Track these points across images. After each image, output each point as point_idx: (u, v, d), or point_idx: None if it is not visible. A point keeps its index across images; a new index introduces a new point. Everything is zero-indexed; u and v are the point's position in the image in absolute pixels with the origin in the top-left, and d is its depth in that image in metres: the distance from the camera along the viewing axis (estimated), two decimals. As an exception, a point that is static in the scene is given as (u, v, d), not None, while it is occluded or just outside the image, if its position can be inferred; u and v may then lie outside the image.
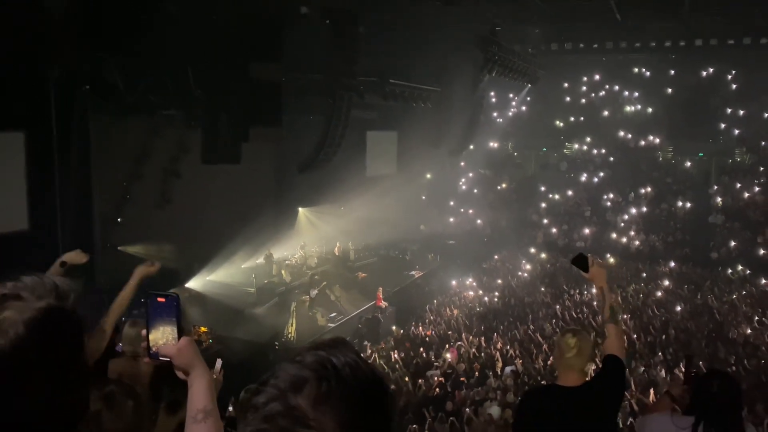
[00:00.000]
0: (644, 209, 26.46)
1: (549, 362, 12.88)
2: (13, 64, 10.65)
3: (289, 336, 16.00)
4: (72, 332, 1.63)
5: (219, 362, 3.61)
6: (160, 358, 1.76)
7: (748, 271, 21.40)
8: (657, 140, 29.10)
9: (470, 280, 21.66)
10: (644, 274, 21.65)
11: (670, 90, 28.98)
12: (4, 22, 10.09)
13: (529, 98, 30.41)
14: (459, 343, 14.62)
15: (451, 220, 28.18)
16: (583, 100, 30.90)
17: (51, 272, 3.37)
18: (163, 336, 1.76)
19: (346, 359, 1.02)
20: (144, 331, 1.79)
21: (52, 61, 11.39)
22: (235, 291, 18.65)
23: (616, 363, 3.48)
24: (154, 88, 13.38)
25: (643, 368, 12.38)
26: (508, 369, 12.50)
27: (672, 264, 22.60)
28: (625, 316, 16.33)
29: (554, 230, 26.74)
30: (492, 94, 28.81)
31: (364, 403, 1.00)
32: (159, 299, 1.77)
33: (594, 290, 19.18)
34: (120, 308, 3.39)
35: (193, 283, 18.34)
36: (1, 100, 10.75)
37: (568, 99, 31.02)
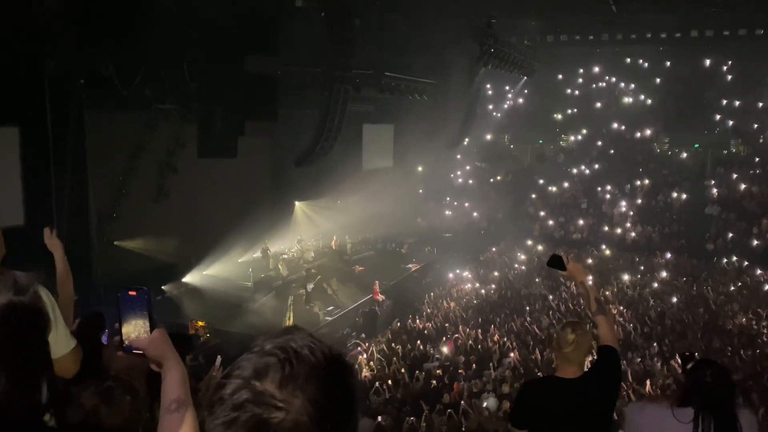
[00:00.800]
0: (640, 201, 26.50)
1: (546, 354, 12.94)
2: (8, 59, 10.60)
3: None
4: (32, 326, 1.65)
5: (219, 359, 3.61)
6: (134, 351, 1.77)
7: (744, 262, 21.48)
8: (653, 132, 29.16)
9: (467, 272, 21.69)
10: (641, 266, 21.71)
11: (665, 81, 29.03)
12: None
13: (525, 90, 30.41)
14: (456, 335, 14.66)
15: (448, 213, 28.19)
16: (579, 92, 30.92)
17: None
18: (135, 329, 1.78)
19: (303, 342, 1.07)
20: (117, 325, 1.81)
21: (46, 55, 11.35)
22: (233, 285, 18.65)
23: (611, 354, 3.51)
24: (149, 82, 13.33)
25: (639, 359, 12.44)
26: (505, 361, 12.55)
27: (668, 255, 22.67)
28: (621, 308, 16.41)
29: (551, 222, 26.77)
30: (488, 86, 28.80)
31: (327, 378, 1.04)
32: (130, 293, 1.78)
33: (590, 281, 19.29)
34: (63, 279, 3.36)
35: (190, 278, 18.35)
36: (-4, 95, 10.72)
37: (564, 91, 31.04)
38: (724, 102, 27.89)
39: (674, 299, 17.18)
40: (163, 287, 17.50)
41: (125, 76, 12.55)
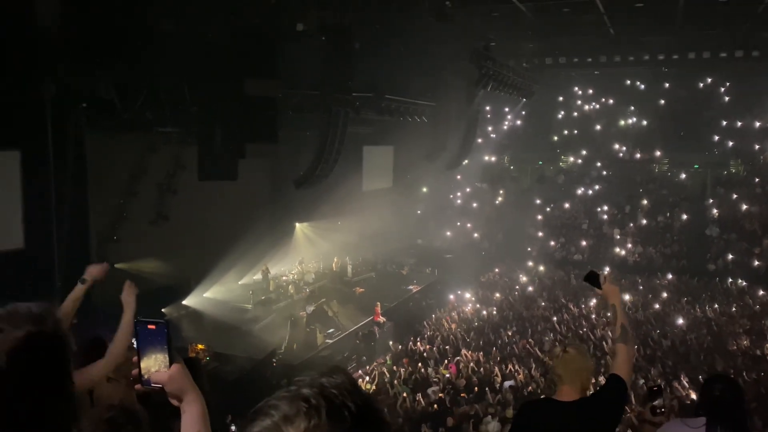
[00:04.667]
0: (641, 222, 26.51)
1: (548, 377, 12.82)
2: (9, 82, 10.66)
3: (287, 352, 15.91)
4: (54, 355, 1.64)
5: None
6: (153, 385, 1.76)
7: (746, 283, 21.40)
8: (652, 153, 29.27)
9: (468, 294, 21.61)
10: (642, 287, 21.63)
11: (664, 102, 29.20)
12: None
13: (524, 112, 30.58)
14: (458, 358, 14.57)
15: (448, 233, 28.18)
16: (578, 114, 31.10)
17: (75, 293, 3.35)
18: (155, 363, 1.76)
19: (339, 390, 1.06)
20: (135, 358, 1.79)
21: (47, 79, 11.41)
22: (232, 307, 18.58)
23: (617, 383, 3.45)
24: (150, 104, 13.40)
25: (642, 381, 12.33)
26: (507, 384, 12.44)
27: (669, 276, 22.60)
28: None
29: (551, 243, 26.75)
30: (487, 108, 28.95)
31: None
32: (149, 327, 1.77)
33: (592, 303, 19.22)
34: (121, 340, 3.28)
35: (190, 300, 18.27)
36: (-2, 118, 10.76)
37: (563, 112, 31.22)
38: (723, 122, 28.03)
39: (676, 320, 17.10)
40: (162, 310, 17.41)
41: (126, 99, 12.62)
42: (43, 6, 10.72)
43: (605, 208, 27.52)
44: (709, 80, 28.12)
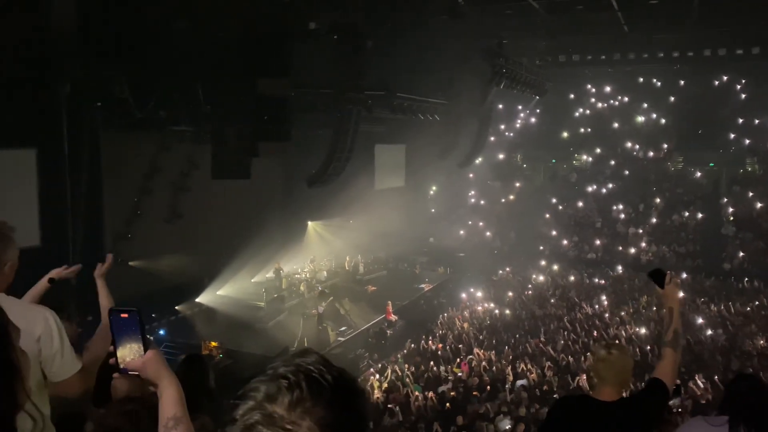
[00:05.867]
0: (655, 220, 26.29)
1: (560, 375, 12.78)
2: (25, 81, 10.78)
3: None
4: None
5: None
6: (129, 373, 1.79)
7: (762, 282, 21.15)
8: (667, 150, 29.00)
9: (480, 293, 21.55)
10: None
11: (679, 100, 28.92)
12: (15, 41, 10.24)
13: (537, 110, 30.42)
14: (470, 356, 14.54)
15: (461, 232, 28.10)
16: (592, 112, 30.88)
17: (38, 287, 3.39)
18: (130, 351, 1.79)
19: (314, 365, 1.10)
20: (111, 348, 1.81)
21: (63, 78, 11.52)
22: (245, 305, 18.68)
23: (658, 387, 3.39)
24: (164, 104, 13.49)
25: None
26: (519, 383, 12.40)
27: (684, 275, 22.37)
28: (637, 329, 16.22)
29: (565, 242, 26.59)
30: (500, 106, 28.82)
31: (335, 402, 1.07)
32: (122, 315, 1.79)
33: (605, 302, 19.09)
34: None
35: (204, 298, 18.39)
36: (14, 117, 10.87)
37: (576, 110, 31.01)
38: (740, 120, 27.70)
39: (691, 320, 16.93)
40: (176, 307, 17.55)
41: (140, 98, 12.71)
42: (57, 6, 10.82)
43: (619, 206, 27.31)
44: (725, 78, 27.81)
